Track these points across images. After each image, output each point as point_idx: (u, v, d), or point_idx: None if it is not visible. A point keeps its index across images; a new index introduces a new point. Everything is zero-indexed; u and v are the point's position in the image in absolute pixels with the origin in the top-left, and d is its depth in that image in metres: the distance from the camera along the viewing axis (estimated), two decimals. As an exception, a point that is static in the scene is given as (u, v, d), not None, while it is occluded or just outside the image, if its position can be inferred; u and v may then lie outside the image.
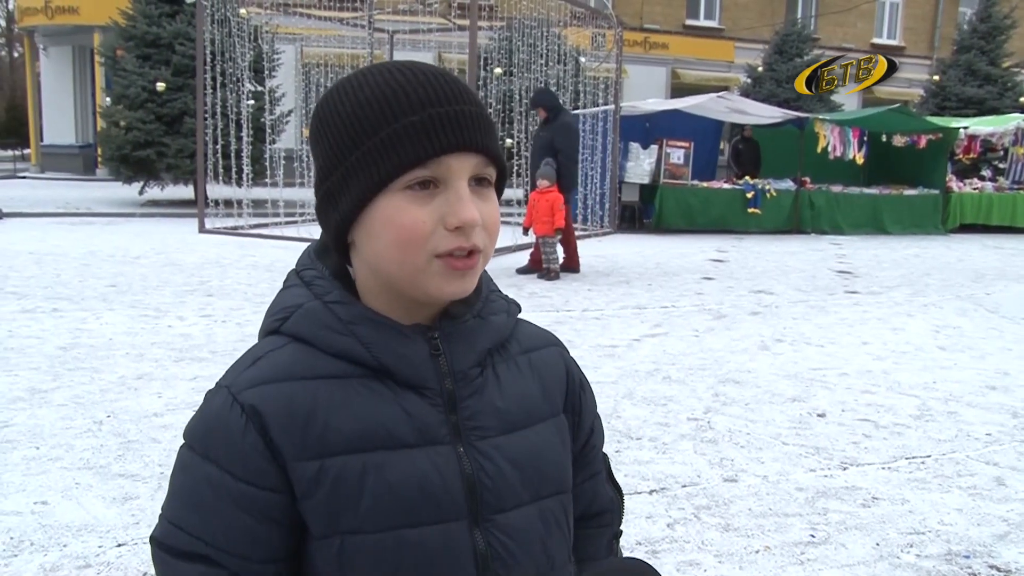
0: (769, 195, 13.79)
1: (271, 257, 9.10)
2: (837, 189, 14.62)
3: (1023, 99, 20.16)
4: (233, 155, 11.75)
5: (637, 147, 13.48)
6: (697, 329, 6.06)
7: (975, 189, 15.57)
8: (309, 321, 0.85)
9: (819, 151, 14.12)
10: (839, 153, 14.39)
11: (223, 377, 0.86)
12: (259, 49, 13.49)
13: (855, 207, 14.56)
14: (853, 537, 2.75)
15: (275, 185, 11.74)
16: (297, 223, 11.22)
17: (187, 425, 0.85)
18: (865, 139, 14.95)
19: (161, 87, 14.29)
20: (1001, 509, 3.02)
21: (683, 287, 8.04)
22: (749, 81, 21.60)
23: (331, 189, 0.84)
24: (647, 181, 13.44)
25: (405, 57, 12.49)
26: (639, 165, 13.45)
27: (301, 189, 11.38)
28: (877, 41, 27.40)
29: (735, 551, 2.63)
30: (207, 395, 0.85)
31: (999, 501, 3.09)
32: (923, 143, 15.02)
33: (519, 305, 0.97)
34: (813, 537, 2.74)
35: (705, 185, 13.75)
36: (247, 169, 11.88)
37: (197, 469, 0.82)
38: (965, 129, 15.34)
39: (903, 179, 15.33)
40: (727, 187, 13.88)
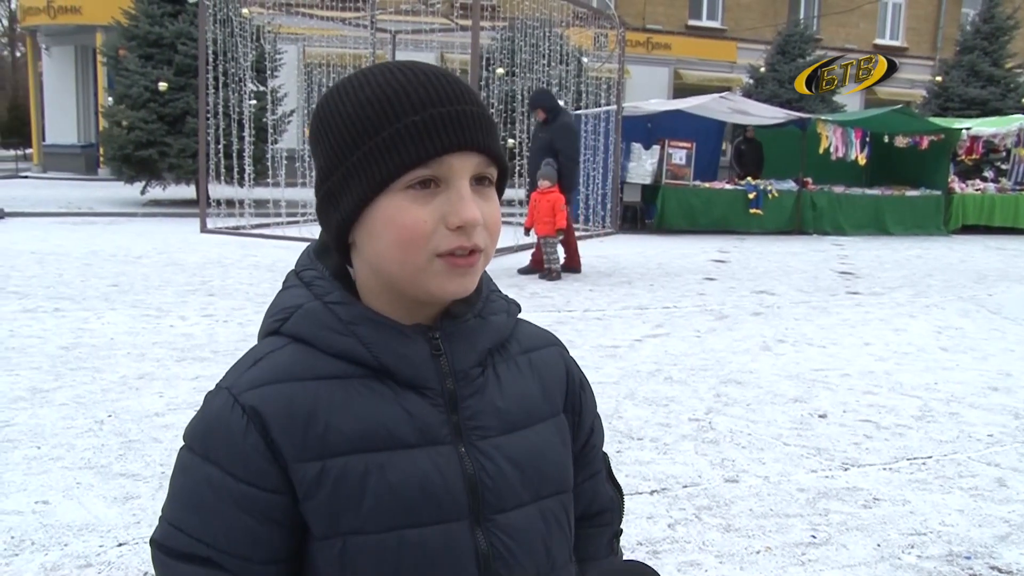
0: (771, 196, 13.78)
1: (273, 257, 9.11)
2: (839, 190, 14.61)
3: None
4: (235, 155, 11.76)
5: (639, 147, 13.48)
6: (699, 330, 6.06)
7: (977, 190, 15.55)
8: (309, 322, 0.85)
9: (821, 152, 14.13)
10: (841, 154, 14.39)
11: (223, 379, 0.86)
12: (261, 49, 13.49)
13: (857, 208, 14.55)
14: (854, 538, 2.75)
15: (277, 185, 11.75)
16: (299, 223, 11.22)
17: (187, 427, 0.85)
18: (867, 140, 14.95)
19: (163, 87, 14.30)
20: (1002, 510, 3.02)
21: (685, 287, 8.04)
22: (751, 82, 21.59)
23: (332, 189, 0.84)
24: (649, 181, 13.44)
25: (407, 57, 12.49)
26: (641, 165, 13.45)
27: (303, 189, 11.39)
28: (879, 42, 27.38)
29: (736, 552, 2.63)
30: (207, 396, 0.85)
31: (1000, 502, 3.09)
32: (925, 144, 15.00)
33: (519, 305, 0.97)
34: (814, 538, 2.74)
35: (707, 186, 13.74)
36: (249, 169, 11.89)
37: (197, 470, 0.82)
38: (967, 130, 15.32)
39: (905, 180, 15.32)
40: (729, 188, 13.87)
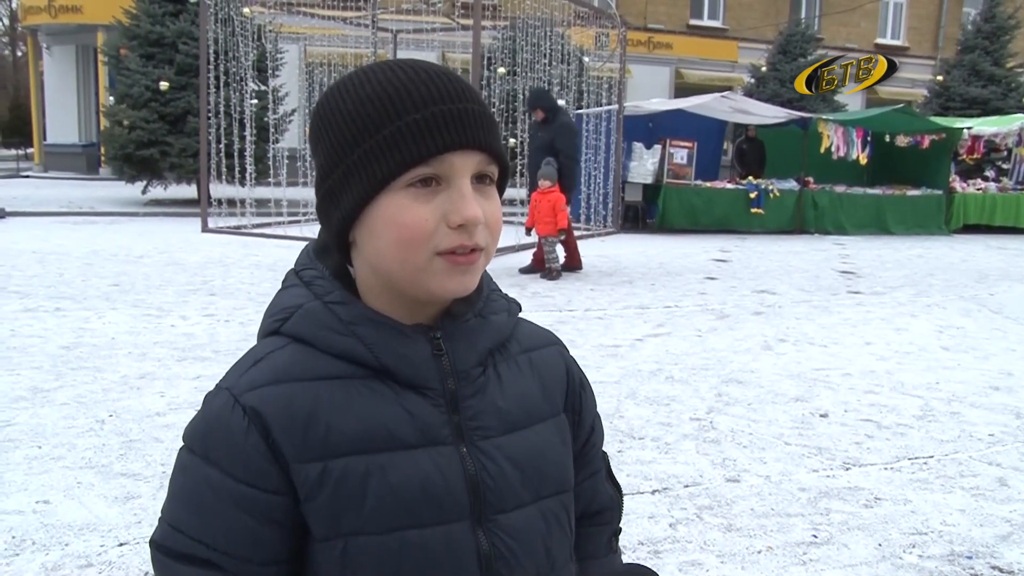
0: (772, 195, 13.77)
1: (274, 256, 9.11)
2: (840, 189, 14.60)
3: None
4: (236, 154, 11.76)
5: (640, 147, 13.47)
6: (700, 329, 6.05)
7: (979, 189, 15.53)
8: (309, 322, 0.84)
9: (822, 151, 14.12)
10: (842, 153, 14.38)
11: (223, 379, 0.85)
12: (262, 48, 13.49)
13: (858, 207, 14.54)
14: (855, 537, 2.75)
15: (278, 184, 11.77)
16: (300, 222, 11.23)
17: (186, 427, 0.85)
18: (868, 139, 14.95)
19: (164, 86, 14.30)
20: (1004, 510, 3.02)
21: (686, 287, 8.04)
22: (753, 81, 21.59)
23: (332, 187, 0.83)
24: (650, 181, 13.43)
25: (409, 57, 12.47)
26: (642, 165, 13.44)
27: (304, 188, 11.34)
28: (881, 41, 27.37)
29: (737, 551, 2.63)
30: (207, 397, 0.84)
31: (1002, 502, 3.09)
32: (926, 143, 14.99)
33: (519, 304, 0.97)
34: (815, 537, 2.74)
35: (708, 185, 13.73)
36: (250, 168, 11.89)
37: (197, 471, 0.81)
38: (969, 129, 15.31)
39: (906, 179, 15.31)
40: (730, 187, 13.87)
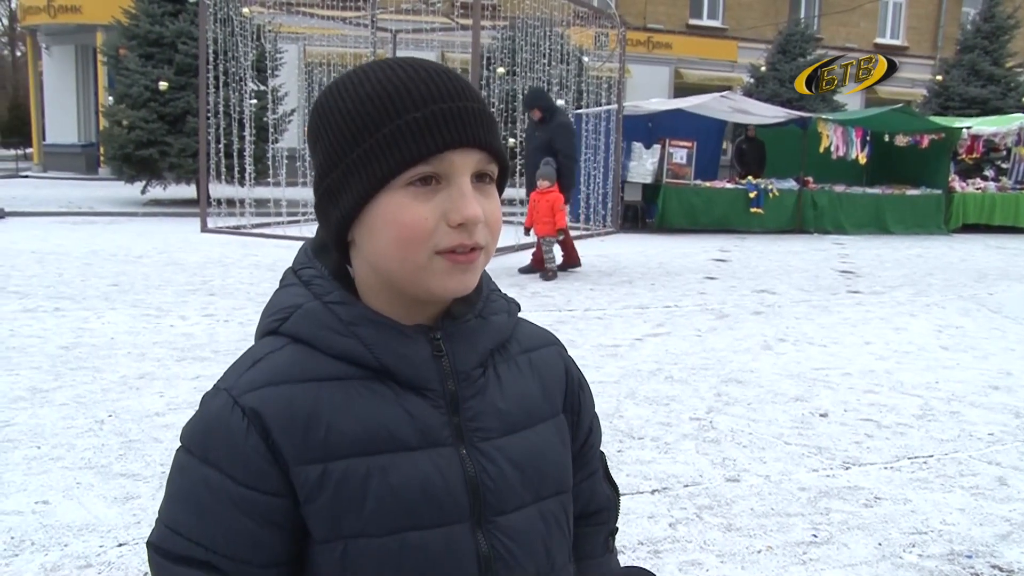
0: (772, 195, 13.78)
1: (273, 256, 9.10)
2: (840, 189, 14.61)
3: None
4: (235, 154, 11.76)
5: (640, 147, 13.47)
6: (699, 329, 6.05)
7: (978, 189, 15.54)
8: (309, 322, 0.83)
9: (822, 151, 14.12)
10: (842, 153, 14.38)
11: (221, 379, 0.84)
12: (262, 48, 13.48)
13: (858, 207, 14.54)
14: (855, 537, 2.75)
15: (277, 184, 11.75)
16: (299, 222, 11.23)
17: (184, 428, 0.84)
18: (868, 139, 14.94)
19: (164, 86, 14.30)
20: (1003, 509, 3.02)
21: (686, 287, 8.04)
22: (752, 81, 21.58)
23: (331, 186, 0.83)
24: (650, 181, 13.43)
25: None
26: (642, 165, 13.44)
27: (303, 188, 11.36)
28: (880, 41, 27.37)
29: (737, 551, 2.63)
30: (205, 398, 0.84)
31: (1001, 501, 3.09)
32: (926, 143, 14.99)
33: (519, 304, 0.97)
34: (815, 537, 2.74)
35: (708, 185, 13.73)
36: (249, 168, 11.89)
37: (195, 472, 0.81)
38: (968, 129, 15.31)
39: (906, 179, 15.31)
40: (730, 187, 13.87)
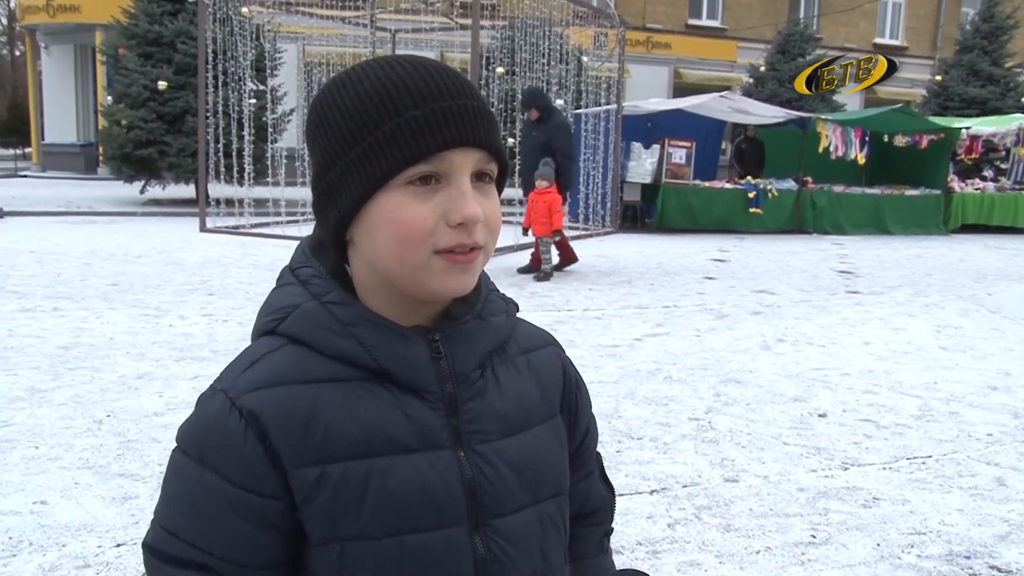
0: (771, 195, 13.78)
1: (272, 256, 9.10)
2: (839, 189, 14.61)
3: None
4: (235, 154, 11.75)
5: (639, 147, 13.47)
6: (699, 329, 6.05)
7: (977, 189, 15.54)
8: (307, 322, 0.82)
9: (821, 151, 14.13)
10: (841, 153, 14.38)
11: (218, 380, 0.83)
12: (261, 48, 13.48)
13: (857, 207, 14.55)
14: (854, 537, 2.75)
15: (276, 184, 11.74)
16: (298, 222, 11.23)
17: (180, 428, 0.83)
18: (867, 139, 14.94)
19: (163, 86, 14.28)
20: (1002, 509, 3.02)
21: (685, 287, 8.04)
22: (751, 81, 21.59)
23: (330, 185, 0.82)
24: (649, 181, 13.43)
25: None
26: (641, 165, 13.44)
27: (302, 188, 11.34)
28: (879, 41, 27.38)
29: (736, 551, 2.63)
30: (201, 398, 0.83)
31: (1000, 501, 3.09)
32: (925, 143, 15.00)
33: (517, 305, 0.96)
34: (814, 537, 2.74)
35: (707, 185, 13.73)
36: (248, 168, 11.88)
37: (191, 473, 0.80)
38: (967, 129, 15.32)
39: (905, 179, 15.32)
40: (729, 187, 13.87)
